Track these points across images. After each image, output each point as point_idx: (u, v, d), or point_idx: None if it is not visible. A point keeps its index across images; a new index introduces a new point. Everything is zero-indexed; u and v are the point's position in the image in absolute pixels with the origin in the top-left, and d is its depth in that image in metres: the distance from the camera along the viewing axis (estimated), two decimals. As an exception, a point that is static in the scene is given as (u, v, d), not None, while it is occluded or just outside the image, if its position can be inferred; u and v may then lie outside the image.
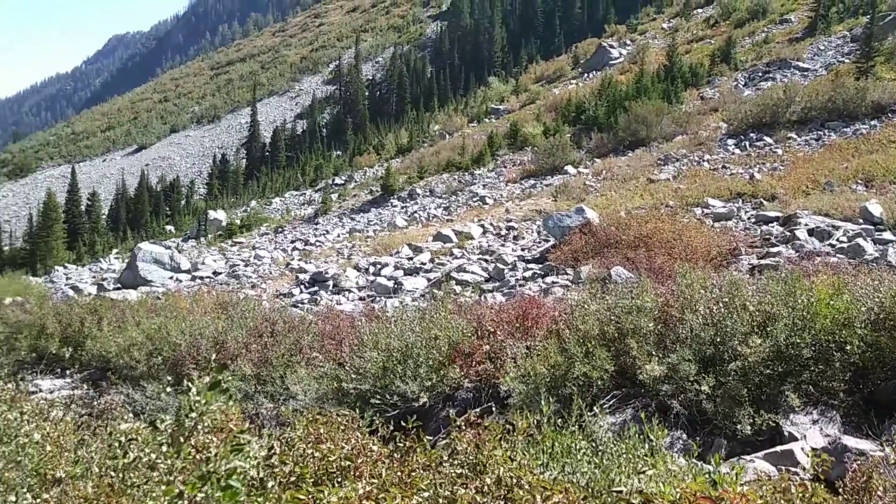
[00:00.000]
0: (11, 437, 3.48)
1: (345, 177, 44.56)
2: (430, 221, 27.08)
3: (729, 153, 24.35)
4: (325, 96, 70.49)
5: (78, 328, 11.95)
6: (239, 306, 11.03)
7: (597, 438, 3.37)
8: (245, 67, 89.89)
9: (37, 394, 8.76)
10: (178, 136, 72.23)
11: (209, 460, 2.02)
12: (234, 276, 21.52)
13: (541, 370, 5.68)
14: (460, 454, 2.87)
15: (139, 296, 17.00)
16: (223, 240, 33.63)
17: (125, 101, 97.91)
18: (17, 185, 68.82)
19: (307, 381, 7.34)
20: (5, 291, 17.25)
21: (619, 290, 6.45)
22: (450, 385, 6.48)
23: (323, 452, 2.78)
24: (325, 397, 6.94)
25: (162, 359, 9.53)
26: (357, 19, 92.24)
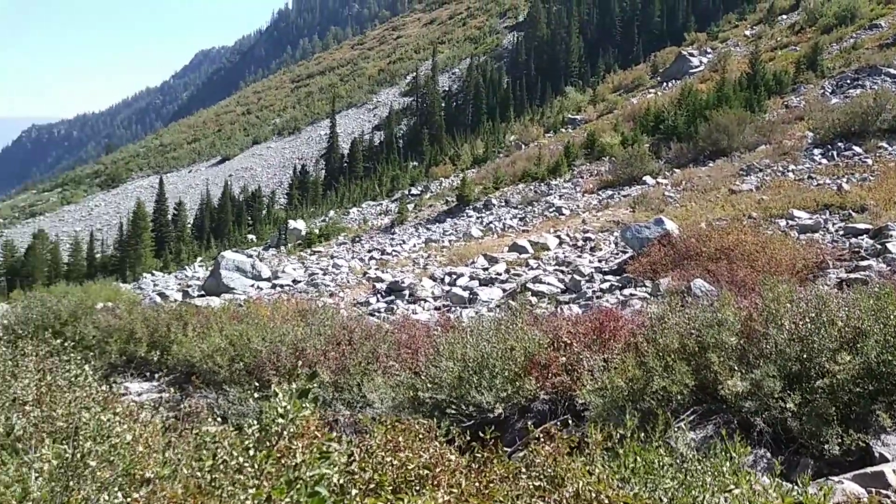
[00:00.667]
0: (105, 438, 3.61)
1: (421, 187, 44.91)
2: (505, 232, 27.04)
3: (815, 163, 23.55)
4: (402, 108, 71.30)
5: (164, 333, 12.36)
6: (318, 314, 11.21)
7: (679, 454, 3.30)
8: (324, 80, 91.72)
9: (126, 396, 9.08)
10: (260, 147, 74.13)
11: (296, 466, 2.07)
12: (312, 284, 21.91)
13: (618, 383, 5.60)
14: (538, 466, 2.86)
15: (222, 303, 17.46)
16: (302, 249, 34.30)
17: (210, 113, 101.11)
18: (109, 195, 71.80)
19: (384, 389, 7.41)
20: (97, 297, 17.93)
21: (700, 303, 6.32)
22: (525, 396, 6.45)
23: (401, 460, 2.81)
24: (402, 406, 6.99)
25: (243, 364, 9.76)
26: (434, 31, 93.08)
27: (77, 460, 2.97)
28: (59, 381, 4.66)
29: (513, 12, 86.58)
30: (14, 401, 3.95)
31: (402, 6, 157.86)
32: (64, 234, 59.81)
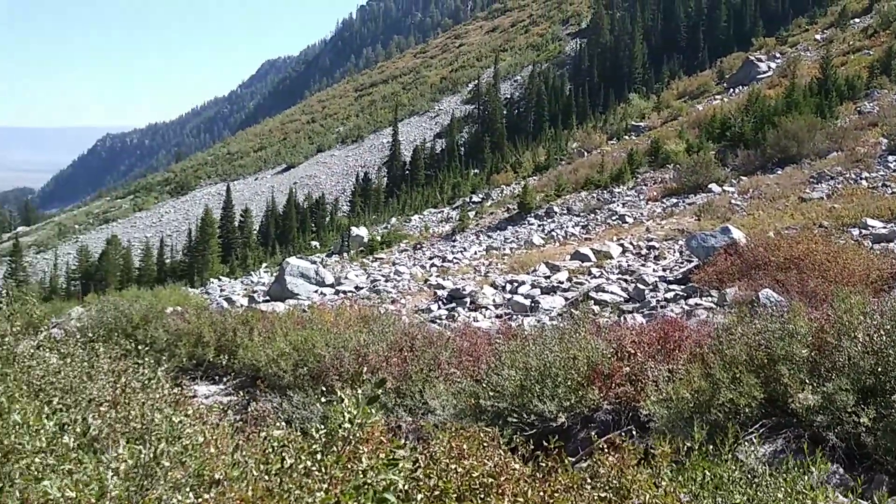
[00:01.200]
0: (176, 439, 3.71)
1: (482, 194, 44.91)
2: (567, 240, 26.85)
3: (890, 170, 22.78)
4: (463, 115, 71.50)
5: (231, 338, 12.61)
6: (380, 320, 11.30)
7: (750, 469, 3.23)
8: (387, 88, 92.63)
9: (194, 398, 9.29)
10: (324, 155, 75.21)
11: (364, 471, 2.10)
12: (374, 290, 22.09)
13: (684, 395, 5.51)
14: (603, 477, 2.84)
15: (286, 308, 17.74)
16: (364, 255, 34.63)
17: (276, 122, 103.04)
18: (178, 202, 73.76)
19: (445, 396, 7.42)
20: (167, 301, 18.39)
21: (769, 314, 6.17)
22: (588, 406, 6.39)
23: (466, 468, 2.82)
24: (463, 413, 6.99)
25: (307, 369, 9.89)
26: (496, 39, 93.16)
27: (151, 461, 3.06)
28: (132, 384, 4.81)
29: (575, 19, 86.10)
30: (90, 401, 4.09)
31: (464, 14, 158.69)
32: (136, 239, 61.64)
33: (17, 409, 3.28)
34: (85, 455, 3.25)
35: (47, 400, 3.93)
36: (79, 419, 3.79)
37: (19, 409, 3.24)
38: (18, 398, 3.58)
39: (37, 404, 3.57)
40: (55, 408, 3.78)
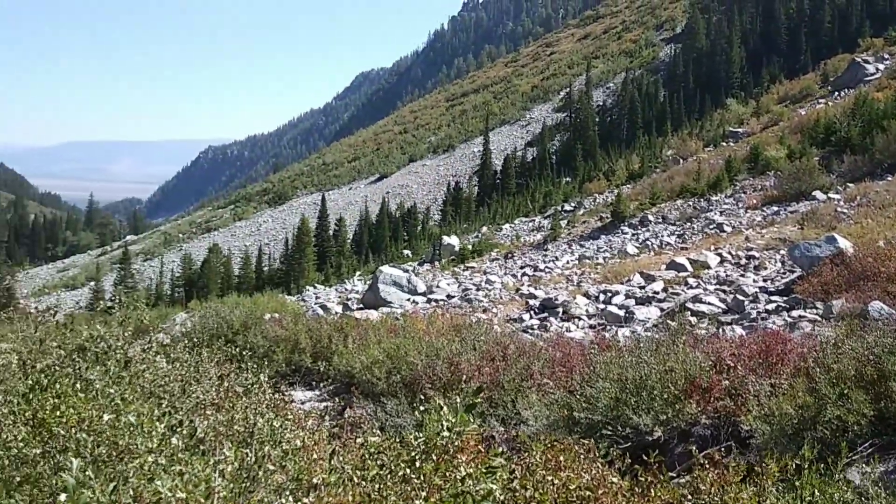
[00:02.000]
0: (277, 443, 3.82)
1: (574, 203, 44.50)
2: (662, 249, 26.29)
3: None
4: (555, 123, 71.03)
5: (326, 344, 12.87)
6: (472, 329, 11.33)
7: (862, 490, 3.09)
8: (478, 98, 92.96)
9: (290, 403, 9.53)
10: (416, 165, 76.04)
11: (463, 480, 2.11)
12: (466, 299, 22.16)
13: (787, 410, 5.31)
14: (704, 493, 2.77)
15: (380, 316, 18.00)
16: (456, 264, 34.79)
17: (369, 133, 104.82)
18: (276, 212, 75.90)
19: (538, 406, 7.38)
20: (265, 308, 18.92)
21: (881, 328, 5.89)
22: (685, 420, 6.24)
23: (562, 480, 2.80)
24: (556, 424, 6.93)
25: (400, 377, 10.01)
26: (588, 46, 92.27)
27: (255, 464, 3.15)
28: (235, 388, 4.98)
29: (670, 24, 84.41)
30: (197, 404, 4.25)
31: (555, 23, 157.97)
32: (235, 248, 63.77)
33: (131, 410, 3.44)
34: (192, 456, 3.38)
35: (157, 402, 4.11)
36: (186, 421, 3.95)
37: (133, 411, 3.40)
38: (132, 400, 3.76)
39: (148, 406, 3.74)
40: (165, 410, 3.95)
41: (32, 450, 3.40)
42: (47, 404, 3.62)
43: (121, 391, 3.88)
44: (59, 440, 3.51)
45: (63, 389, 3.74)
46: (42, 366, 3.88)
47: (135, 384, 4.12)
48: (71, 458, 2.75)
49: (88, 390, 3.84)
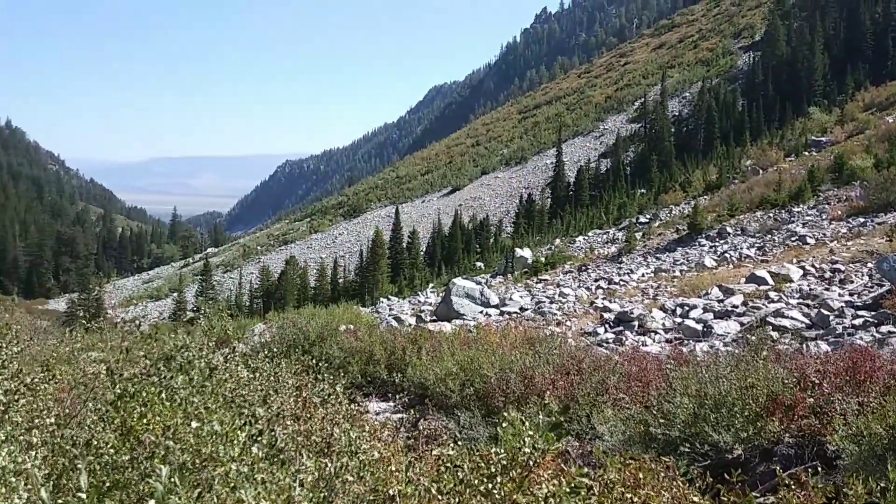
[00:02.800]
0: (354, 454, 3.86)
1: (649, 215, 43.83)
2: (741, 262, 25.63)
3: None
4: (629, 134, 70.18)
5: (400, 356, 12.96)
6: (545, 342, 11.25)
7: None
8: (551, 110, 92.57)
9: (366, 415, 9.62)
10: (489, 177, 76.11)
11: (546, 498, 2.10)
12: (539, 312, 22.02)
13: (877, 430, 5.10)
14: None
15: (453, 328, 18.03)
16: (528, 277, 34.63)
17: (442, 146, 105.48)
18: (350, 224, 77.01)
19: (613, 421, 7.28)
20: (340, 319, 19.16)
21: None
22: (767, 438, 6.06)
23: (642, 498, 2.76)
24: (632, 440, 6.83)
25: (474, 390, 10.01)
26: (663, 56, 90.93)
27: (334, 475, 3.20)
28: (313, 398, 5.06)
29: (748, 32, 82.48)
30: (277, 414, 4.34)
31: (629, 32, 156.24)
32: (311, 260, 64.93)
33: (215, 419, 3.54)
34: (272, 466, 3.45)
35: (238, 411, 4.21)
36: (266, 431, 4.04)
37: (217, 419, 3.50)
38: (215, 409, 3.87)
39: (230, 416, 3.84)
40: (246, 419, 4.05)
41: (121, 456, 3.53)
42: (134, 412, 3.75)
43: (204, 400, 4.00)
44: (146, 447, 3.64)
45: (149, 398, 3.87)
46: (129, 374, 4.03)
47: (218, 393, 4.24)
48: (159, 464, 2.85)
49: (173, 399, 3.97)
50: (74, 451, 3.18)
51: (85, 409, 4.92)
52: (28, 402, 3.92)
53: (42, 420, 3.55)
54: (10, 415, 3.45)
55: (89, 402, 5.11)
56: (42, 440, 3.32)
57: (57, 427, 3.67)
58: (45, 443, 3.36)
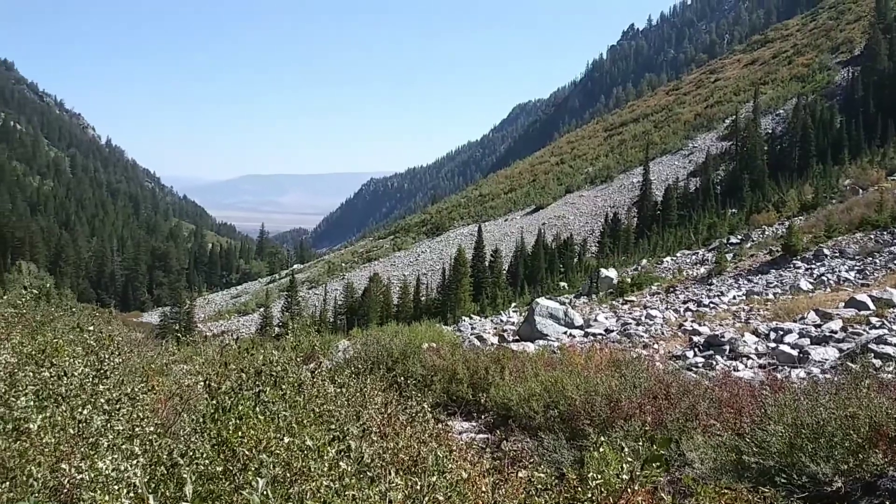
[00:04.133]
0: (441, 473, 3.86)
1: (741, 236, 42.60)
2: (840, 285, 24.61)
3: None
4: (719, 153, 68.52)
5: (483, 375, 12.93)
6: (632, 365, 11.04)
7: None
8: (638, 128, 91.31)
9: (451, 434, 9.61)
10: (573, 196, 75.51)
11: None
12: (625, 334, 21.63)
13: None
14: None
15: (536, 348, 17.90)
16: (614, 297, 34.11)
17: (525, 164, 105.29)
18: (433, 242, 77.54)
19: (704, 448, 7.08)
20: (423, 337, 19.26)
21: None
22: (870, 471, 5.77)
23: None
24: (723, 469, 6.62)
25: (558, 412, 9.88)
26: (755, 72, 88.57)
27: (422, 493, 3.20)
28: (399, 415, 5.09)
29: (847, 46, 79.56)
30: (365, 431, 4.38)
31: (720, 48, 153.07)
32: (394, 277, 65.63)
33: (306, 433, 3.59)
34: (360, 482, 3.48)
35: (327, 427, 4.27)
36: (354, 447, 4.08)
37: (308, 435, 3.55)
38: (306, 424, 3.93)
39: (320, 432, 3.89)
40: (334, 434, 4.10)
41: (216, 467, 3.62)
42: (230, 425, 3.85)
43: (295, 414, 4.07)
44: (239, 459, 3.72)
45: (244, 411, 3.96)
46: (225, 388, 4.14)
47: (308, 408, 4.31)
48: (255, 477, 2.91)
49: (266, 412, 4.06)
50: (179, 461, 3.28)
51: (180, 420, 5.08)
52: (128, 411, 4.06)
53: (142, 429, 3.67)
54: (113, 423, 3.58)
55: (184, 413, 5.28)
56: (142, 449, 3.43)
57: (156, 436, 3.79)
58: (145, 451, 3.47)
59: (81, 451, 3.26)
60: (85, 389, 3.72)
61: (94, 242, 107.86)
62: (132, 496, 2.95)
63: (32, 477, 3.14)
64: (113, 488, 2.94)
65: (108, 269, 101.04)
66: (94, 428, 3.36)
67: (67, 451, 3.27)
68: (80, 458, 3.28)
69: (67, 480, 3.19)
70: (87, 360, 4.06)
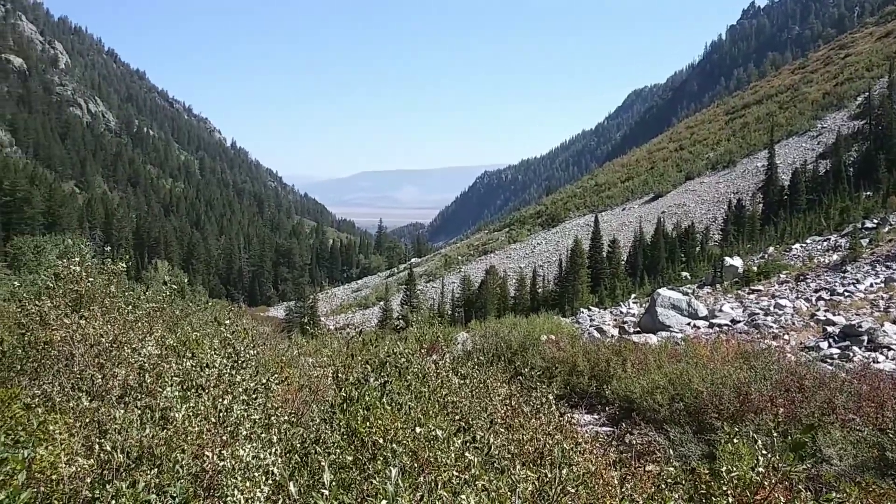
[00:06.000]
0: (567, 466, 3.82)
1: (877, 220, 40.14)
2: None
3: None
4: (851, 132, 64.70)
5: (604, 368, 12.78)
6: (761, 357, 10.65)
7: None
8: (761, 109, 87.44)
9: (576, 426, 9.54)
10: (693, 182, 73.17)
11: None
12: (753, 325, 20.83)
13: None
14: None
15: (659, 340, 17.49)
16: (739, 287, 32.88)
17: (643, 151, 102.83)
18: (549, 234, 77.00)
19: (842, 444, 6.75)
20: (541, 330, 19.19)
21: None
22: None
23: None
24: (864, 465, 6.29)
25: (683, 404, 9.64)
26: (890, 45, 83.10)
27: (550, 486, 3.18)
28: (522, 407, 5.08)
29: None
30: (492, 422, 4.40)
31: (850, 22, 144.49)
32: (511, 269, 65.57)
33: (432, 424, 3.64)
34: (486, 473, 3.49)
35: (452, 417, 4.31)
36: (479, 438, 4.10)
37: (434, 426, 3.59)
38: (431, 415, 3.98)
39: (446, 422, 3.93)
40: (459, 425, 4.13)
41: (345, 456, 3.72)
42: (358, 415, 3.94)
43: (421, 405, 4.12)
44: (368, 449, 3.81)
45: (371, 401, 4.05)
46: (353, 379, 4.24)
47: (433, 399, 4.36)
48: (387, 466, 2.96)
49: (392, 403, 4.13)
50: (313, 449, 3.38)
51: (309, 411, 5.25)
52: (262, 401, 4.23)
53: (277, 418, 3.81)
54: (250, 412, 3.73)
55: (313, 403, 5.45)
56: (278, 438, 3.56)
57: (289, 426, 3.93)
58: (279, 440, 3.61)
59: (222, 439, 3.42)
60: (223, 380, 3.90)
61: (222, 241, 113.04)
62: (270, 483, 3.07)
63: (178, 464, 3.31)
64: (253, 475, 3.06)
65: (235, 265, 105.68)
66: (234, 417, 3.51)
67: (209, 440, 3.44)
68: (221, 446, 3.43)
69: (209, 467, 3.34)
70: (225, 353, 4.25)
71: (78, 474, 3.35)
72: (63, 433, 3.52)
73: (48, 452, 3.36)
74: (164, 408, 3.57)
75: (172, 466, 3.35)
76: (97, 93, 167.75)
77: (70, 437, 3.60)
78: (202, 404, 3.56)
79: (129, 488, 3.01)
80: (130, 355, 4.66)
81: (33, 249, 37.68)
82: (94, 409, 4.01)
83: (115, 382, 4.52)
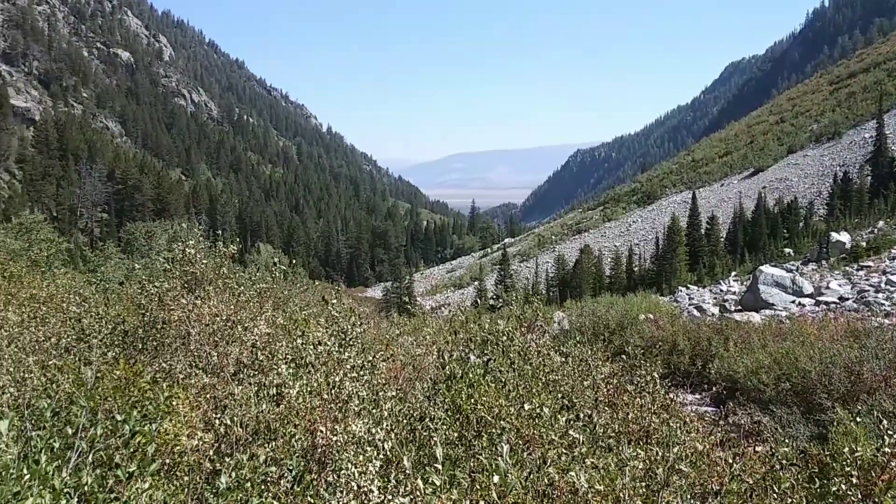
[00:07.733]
0: (672, 444, 3.78)
1: None
2: None
3: None
4: (970, 98, 60.79)
5: (706, 347, 12.52)
6: (874, 336, 10.21)
7: None
8: (868, 78, 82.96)
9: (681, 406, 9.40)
10: (796, 156, 70.26)
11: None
12: (863, 302, 19.94)
13: None
14: None
15: (762, 319, 16.97)
16: (847, 263, 31.49)
17: (741, 125, 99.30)
18: (644, 211, 75.52)
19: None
20: (638, 309, 18.91)
21: None
22: None
23: None
24: None
25: (790, 384, 9.36)
26: None
27: (659, 466, 3.16)
28: (626, 386, 5.04)
29: None
30: (596, 401, 4.39)
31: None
32: (605, 248, 64.70)
33: (536, 402, 3.66)
34: (593, 451, 3.49)
35: (556, 396, 4.32)
36: (584, 416, 4.10)
37: (538, 404, 3.62)
38: (535, 392, 4.00)
39: (550, 400, 3.94)
40: (563, 403, 4.14)
41: (452, 433, 3.79)
42: (462, 392, 4.00)
43: (524, 383, 4.15)
44: (472, 426, 3.86)
45: (474, 379, 4.10)
46: (456, 356, 4.30)
47: (537, 377, 4.38)
48: (497, 443, 3.01)
49: (495, 381, 4.17)
50: (422, 425, 3.46)
51: (413, 388, 5.36)
52: (368, 378, 4.35)
53: (384, 395, 3.91)
54: (357, 389, 3.84)
55: (416, 381, 5.55)
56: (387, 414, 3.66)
57: (396, 402, 4.02)
58: (388, 416, 3.70)
59: (334, 415, 3.54)
60: (332, 357, 4.02)
61: (320, 224, 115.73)
62: (382, 457, 3.16)
63: (294, 438, 3.45)
64: (364, 449, 3.15)
65: (334, 248, 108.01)
66: (345, 393, 3.62)
67: (322, 415, 3.56)
68: (332, 421, 3.55)
69: (323, 441, 3.47)
70: (332, 331, 4.38)
71: (199, 447, 3.53)
72: (186, 408, 3.72)
73: (172, 425, 3.56)
74: (277, 384, 3.72)
75: (288, 441, 3.49)
76: (199, 83, 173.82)
77: (192, 412, 3.80)
78: (315, 381, 3.68)
79: (249, 461, 3.16)
80: (243, 334, 4.86)
81: (144, 235, 39.58)
82: (212, 386, 4.21)
83: (229, 360, 4.72)
